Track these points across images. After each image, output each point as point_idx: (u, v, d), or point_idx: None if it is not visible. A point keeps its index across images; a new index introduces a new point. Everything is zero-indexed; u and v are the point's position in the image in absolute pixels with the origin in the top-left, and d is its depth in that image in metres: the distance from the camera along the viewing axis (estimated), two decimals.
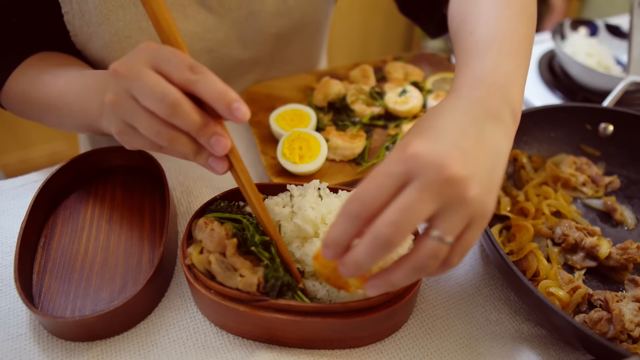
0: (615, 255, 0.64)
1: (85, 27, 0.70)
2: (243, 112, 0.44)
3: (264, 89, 0.93)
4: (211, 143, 0.46)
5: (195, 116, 0.44)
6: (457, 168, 0.39)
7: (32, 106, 0.68)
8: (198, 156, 0.48)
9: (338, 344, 0.56)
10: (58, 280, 0.61)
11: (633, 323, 0.57)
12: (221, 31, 0.80)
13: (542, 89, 1.08)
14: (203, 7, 0.77)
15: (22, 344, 0.56)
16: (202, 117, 0.45)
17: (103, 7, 0.68)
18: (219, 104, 0.44)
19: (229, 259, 0.53)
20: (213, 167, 0.49)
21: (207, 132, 0.45)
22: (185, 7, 0.75)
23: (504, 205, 0.72)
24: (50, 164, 0.81)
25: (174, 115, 0.44)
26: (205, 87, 0.43)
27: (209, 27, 0.79)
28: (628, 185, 0.79)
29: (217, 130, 0.46)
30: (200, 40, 0.79)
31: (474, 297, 0.63)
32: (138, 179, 0.75)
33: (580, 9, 2.52)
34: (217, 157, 0.48)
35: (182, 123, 0.44)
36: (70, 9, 0.68)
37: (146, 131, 0.46)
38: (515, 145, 0.80)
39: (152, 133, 0.46)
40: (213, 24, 0.79)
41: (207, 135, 0.46)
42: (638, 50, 0.94)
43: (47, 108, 0.66)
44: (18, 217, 0.70)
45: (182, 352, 0.56)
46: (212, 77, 0.44)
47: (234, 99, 0.43)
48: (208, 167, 0.49)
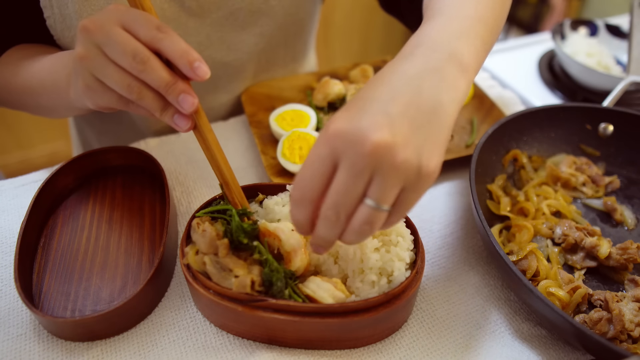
0: (615, 255, 0.64)
1: (67, 31, 0.71)
2: (203, 70, 0.46)
3: (264, 89, 0.93)
4: (179, 100, 0.48)
5: (164, 73, 0.47)
6: (378, 136, 0.39)
7: (12, 93, 0.70)
8: (164, 112, 0.50)
9: (337, 344, 0.56)
10: (58, 280, 0.61)
11: (633, 323, 0.57)
12: (203, 33, 0.80)
13: (542, 89, 1.08)
14: (183, 10, 0.76)
15: (22, 344, 0.56)
16: (171, 75, 0.47)
17: (82, 10, 0.69)
18: (182, 62, 0.46)
19: (222, 260, 0.52)
20: (178, 123, 0.50)
21: (175, 89, 0.47)
22: (165, 10, 0.75)
23: (504, 205, 0.72)
24: (50, 164, 0.81)
25: (143, 71, 0.46)
26: (170, 45, 0.46)
27: (189, 30, 0.78)
28: (628, 185, 0.79)
29: (184, 88, 0.48)
30: None
31: (474, 297, 0.63)
32: (138, 179, 0.75)
33: (580, 9, 2.52)
34: (183, 115, 0.50)
35: (151, 79, 0.46)
36: (52, 14, 0.69)
37: (116, 85, 0.48)
38: (515, 145, 0.80)
39: (122, 87, 0.47)
40: (194, 26, 0.78)
41: (176, 92, 0.47)
42: (638, 50, 0.94)
43: (24, 91, 0.68)
44: (18, 217, 0.70)
45: (182, 352, 0.56)
46: (176, 37, 0.47)
47: (196, 58, 0.46)
48: (173, 124, 0.50)
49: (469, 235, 0.72)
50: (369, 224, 0.42)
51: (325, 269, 0.57)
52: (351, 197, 0.41)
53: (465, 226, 0.73)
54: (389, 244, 0.57)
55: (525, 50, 1.22)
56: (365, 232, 0.43)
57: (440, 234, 0.72)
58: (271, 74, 0.98)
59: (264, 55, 0.91)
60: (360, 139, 0.39)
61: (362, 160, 0.40)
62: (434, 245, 0.70)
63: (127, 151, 0.75)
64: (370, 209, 0.41)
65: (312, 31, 1.02)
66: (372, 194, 0.41)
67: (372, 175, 0.40)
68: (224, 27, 0.81)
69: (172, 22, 0.76)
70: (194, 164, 0.81)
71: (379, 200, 0.41)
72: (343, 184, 0.41)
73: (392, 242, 0.57)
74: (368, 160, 0.39)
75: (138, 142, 0.84)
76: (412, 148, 0.40)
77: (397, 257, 0.55)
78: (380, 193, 0.41)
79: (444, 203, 0.76)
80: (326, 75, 0.96)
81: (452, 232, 0.72)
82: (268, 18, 0.84)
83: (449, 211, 0.75)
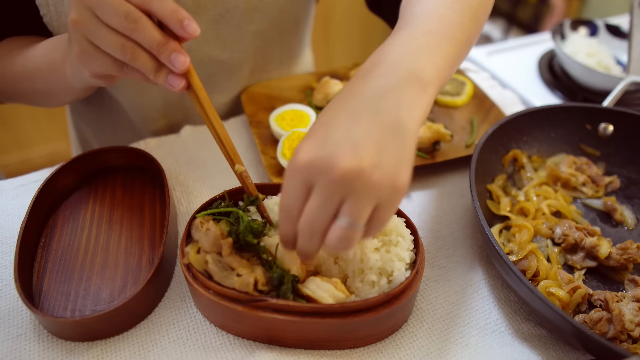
0: (615, 255, 0.64)
1: (64, 29, 0.71)
2: (193, 27, 0.48)
3: (263, 89, 0.93)
4: (171, 59, 0.49)
5: (156, 33, 0.48)
6: (346, 162, 0.41)
7: (7, 82, 0.70)
8: (157, 74, 0.51)
9: (337, 344, 0.56)
10: (58, 280, 0.61)
11: (633, 323, 0.57)
12: None
13: (542, 89, 1.08)
14: None
15: (22, 344, 0.56)
16: (162, 35, 0.49)
17: None
18: (172, 20, 0.48)
19: (225, 259, 0.53)
20: (172, 83, 0.51)
21: (167, 48, 0.49)
22: None
23: (503, 205, 0.72)
24: (50, 164, 0.81)
25: (136, 30, 0.47)
26: (159, 5, 0.47)
27: None
28: (628, 185, 0.79)
29: (176, 47, 0.49)
30: None
31: (473, 297, 0.63)
32: (138, 179, 0.75)
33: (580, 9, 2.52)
34: (176, 74, 0.51)
35: (143, 38, 0.48)
36: (48, 12, 0.70)
37: (109, 46, 0.49)
38: (515, 145, 0.80)
39: (115, 48, 0.48)
40: None
41: (168, 51, 0.49)
42: (638, 50, 0.94)
43: (20, 76, 0.68)
44: (18, 217, 0.70)
45: (182, 352, 0.56)
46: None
47: (185, 16, 0.48)
48: (167, 85, 0.51)
49: (469, 235, 0.72)
50: (345, 239, 0.44)
51: (325, 269, 0.57)
52: (323, 217, 0.44)
53: (465, 226, 0.73)
54: (389, 244, 0.57)
55: (525, 50, 1.22)
56: (343, 247, 0.45)
57: (440, 234, 0.72)
58: (267, 72, 0.98)
59: (259, 52, 0.91)
60: (327, 168, 0.42)
61: (332, 186, 0.42)
62: (434, 245, 0.70)
63: (127, 151, 0.75)
64: (343, 228, 0.43)
65: (308, 29, 1.02)
66: (346, 213, 0.43)
67: (343, 198, 0.43)
68: (220, 24, 0.81)
69: None
70: (194, 164, 0.81)
71: (353, 218, 0.43)
72: (315, 207, 0.43)
73: (392, 242, 0.57)
74: (338, 187, 0.42)
75: (138, 142, 0.84)
76: (380, 169, 0.42)
77: (397, 257, 0.55)
78: (354, 212, 0.43)
79: (444, 203, 0.76)
80: (326, 75, 0.96)
81: (452, 232, 0.72)
82: (263, 15, 0.85)
83: (449, 211, 0.75)
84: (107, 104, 0.93)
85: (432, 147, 0.80)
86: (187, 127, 0.88)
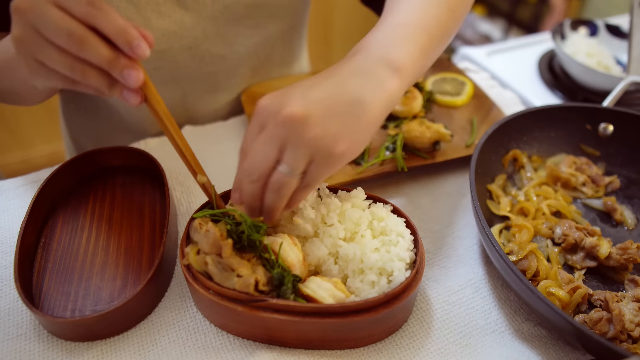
0: (615, 255, 0.64)
1: None
2: (142, 49, 0.46)
3: (264, 89, 0.93)
4: (124, 75, 0.47)
5: (104, 50, 0.45)
6: (293, 109, 0.46)
7: None
8: (112, 89, 0.49)
9: (337, 344, 0.56)
10: (58, 280, 0.61)
11: (633, 323, 0.56)
12: (198, 28, 0.80)
13: (542, 89, 1.08)
14: (178, 5, 0.76)
15: (22, 344, 0.56)
16: (112, 51, 0.46)
17: None
18: (120, 40, 0.45)
19: (225, 260, 0.52)
20: (127, 99, 0.50)
21: (118, 64, 0.46)
22: (160, 5, 0.74)
23: (503, 205, 0.72)
24: (50, 164, 0.81)
25: (82, 49, 0.44)
26: (105, 23, 0.45)
27: (185, 25, 0.78)
28: (628, 185, 0.79)
29: (128, 63, 0.47)
30: (179, 38, 0.79)
31: (473, 297, 0.63)
32: (138, 179, 0.75)
33: (580, 9, 2.52)
34: (131, 90, 0.49)
35: (91, 57, 0.45)
36: None
37: (57, 66, 0.46)
38: (515, 145, 0.80)
39: (64, 67, 0.46)
40: (189, 21, 0.79)
41: (119, 67, 0.46)
42: (638, 50, 0.94)
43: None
44: (18, 217, 0.70)
45: (182, 352, 0.56)
46: (112, 13, 0.45)
47: (134, 36, 0.45)
48: (123, 100, 0.50)
49: (469, 235, 0.72)
50: (282, 185, 0.48)
51: (325, 269, 0.57)
52: (264, 157, 0.48)
53: (465, 226, 0.73)
54: (389, 244, 0.57)
55: (525, 50, 1.22)
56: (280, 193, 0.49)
57: (440, 234, 0.72)
58: (269, 70, 0.98)
59: (261, 49, 0.91)
60: (276, 111, 0.47)
61: (276, 128, 0.47)
62: (434, 245, 0.70)
63: (127, 151, 0.75)
64: (280, 173, 0.48)
65: (306, 27, 1.02)
66: (284, 160, 0.48)
67: (284, 144, 0.47)
68: (219, 20, 0.81)
69: (167, 18, 0.76)
70: None
71: (289, 165, 0.47)
72: (259, 146, 0.48)
73: (392, 242, 0.57)
74: (281, 130, 0.47)
75: (138, 142, 0.84)
76: (321, 128, 0.47)
77: (397, 257, 0.55)
78: (290, 160, 0.47)
79: (444, 203, 0.76)
80: None
81: (452, 232, 0.72)
82: (262, 10, 0.85)
83: (449, 211, 0.75)
84: (103, 112, 0.93)
85: (432, 147, 0.80)
86: (188, 127, 0.88)
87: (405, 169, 0.76)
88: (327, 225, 0.59)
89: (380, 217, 0.60)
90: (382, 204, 0.62)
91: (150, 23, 0.75)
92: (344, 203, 0.60)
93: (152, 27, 0.75)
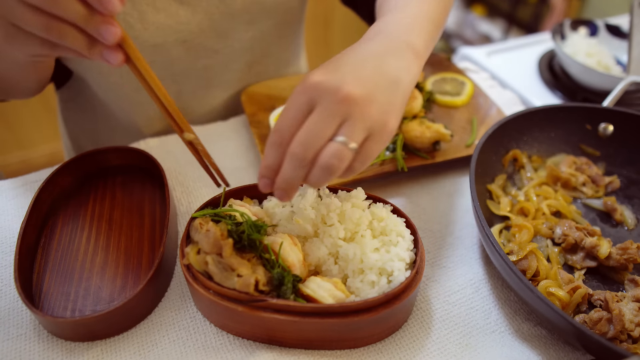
0: (615, 255, 0.64)
1: None
2: (113, 3, 0.44)
3: (263, 89, 0.93)
4: (101, 32, 0.46)
5: (77, 5, 0.44)
6: (352, 88, 0.46)
7: None
8: (92, 50, 0.48)
9: (337, 344, 0.56)
10: (58, 280, 0.61)
11: (633, 323, 0.57)
12: (193, 22, 0.80)
13: (542, 89, 1.08)
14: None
15: (22, 344, 0.56)
16: (85, 7, 0.45)
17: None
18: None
19: (225, 260, 0.53)
20: (108, 59, 0.48)
21: (94, 20, 0.45)
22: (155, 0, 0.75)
23: (503, 205, 0.72)
24: (50, 164, 0.81)
25: (54, 5, 0.43)
26: None
27: (181, 19, 0.79)
28: (628, 185, 0.79)
29: (104, 18, 0.46)
30: (174, 32, 0.79)
31: (473, 297, 0.63)
32: (138, 179, 0.75)
33: (580, 9, 2.52)
34: (111, 49, 0.48)
35: (64, 12, 0.44)
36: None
37: (33, 26, 0.45)
38: (515, 145, 0.80)
39: (39, 28, 0.45)
40: (185, 15, 0.79)
41: (95, 23, 0.45)
42: (638, 50, 0.94)
43: None
44: (18, 217, 0.70)
45: (182, 352, 0.56)
46: None
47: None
48: (104, 60, 0.49)
49: (469, 235, 0.72)
50: (337, 158, 0.47)
51: (325, 269, 0.57)
52: (321, 135, 0.47)
53: (466, 226, 0.73)
54: (389, 244, 0.57)
55: (525, 50, 1.22)
56: (332, 167, 0.47)
57: (440, 234, 0.72)
58: (266, 67, 0.97)
59: (257, 44, 0.91)
60: (335, 89, 0.46)
61: (335, 106, 0.46)
62: (434, 245, 0.70)
63: (127, 151, 0.75)
64: (340, 144, 0.47)
65: (302, 24, 1.02)
66: (342, 133, 0.47)
67: (342, 121, 0.47)
68: (214, 14, 0.81)
69: (163, 12, 0.76)
70: (194, 164, 0.80)
71: (349, 137, 0.47)
72: (315, 123, 0.46)
73: (392, 242, 0.57)
74: (340, 107, 0.46)
75: (138, 142, 0.84)
76: (376, 105, 0.48)
77: (397, 257, 0.55)
78: (350, 133, 0.47)
79: (444, 203, 0.76)
80: None
81: (452, 232, 0.72)
82: (258, 5, 0.85)
83: (449, 211, 0.75)
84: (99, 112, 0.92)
85: (432, 147, 0.80)
86: None
87: (405, 169, 0.76)
88: (327, 225, 0.59)
89: (380, 217, 0.60)
90: (382, 204, 0.62)
91: (146, 17, 0.75)
92: (344, 203, 0.60)
93: (147, 21, 0.76)
